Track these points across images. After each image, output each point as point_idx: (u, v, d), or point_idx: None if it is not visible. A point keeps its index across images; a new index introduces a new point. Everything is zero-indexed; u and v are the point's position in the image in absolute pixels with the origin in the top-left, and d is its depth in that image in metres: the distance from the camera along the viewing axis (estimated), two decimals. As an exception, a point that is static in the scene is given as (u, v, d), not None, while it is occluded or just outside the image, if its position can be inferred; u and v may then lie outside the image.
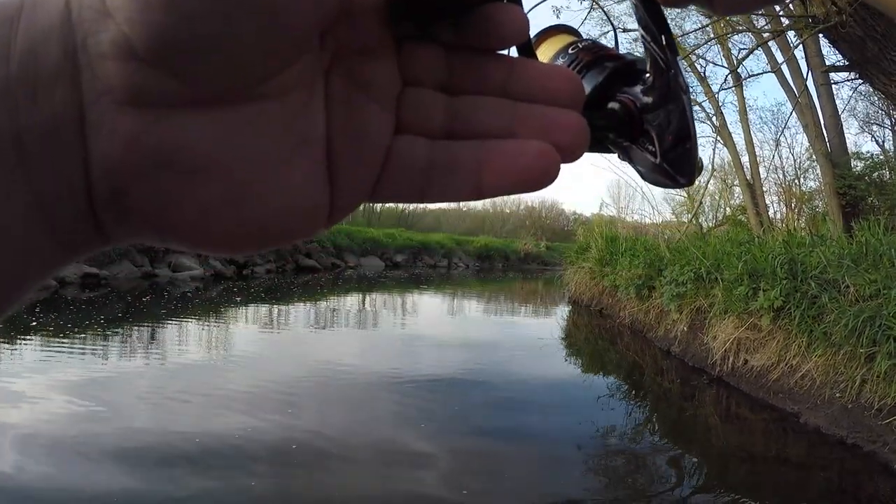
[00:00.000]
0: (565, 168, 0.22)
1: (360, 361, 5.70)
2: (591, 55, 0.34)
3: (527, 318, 10.60)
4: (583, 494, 3.11)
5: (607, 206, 28.69)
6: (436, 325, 8.73)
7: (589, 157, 0.32)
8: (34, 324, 6.22)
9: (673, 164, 0.30)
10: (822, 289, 4.65)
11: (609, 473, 3.41)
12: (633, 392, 5.42)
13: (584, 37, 0.37)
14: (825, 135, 8.06)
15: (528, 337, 8.01)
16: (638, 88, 0.31)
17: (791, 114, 9.03)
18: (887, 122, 13.77)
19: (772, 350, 5.09)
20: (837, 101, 8.48)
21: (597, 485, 3.24)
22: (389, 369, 5.39)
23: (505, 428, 4.05)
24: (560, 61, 0.35)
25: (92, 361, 5.01)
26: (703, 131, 11.09)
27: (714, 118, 9.82)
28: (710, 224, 13.34)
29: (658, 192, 32.76)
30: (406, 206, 44.99)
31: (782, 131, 11.71)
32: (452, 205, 45.40)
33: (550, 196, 62.82)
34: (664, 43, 0.29)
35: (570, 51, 0.35)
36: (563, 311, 11.49)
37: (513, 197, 52.98)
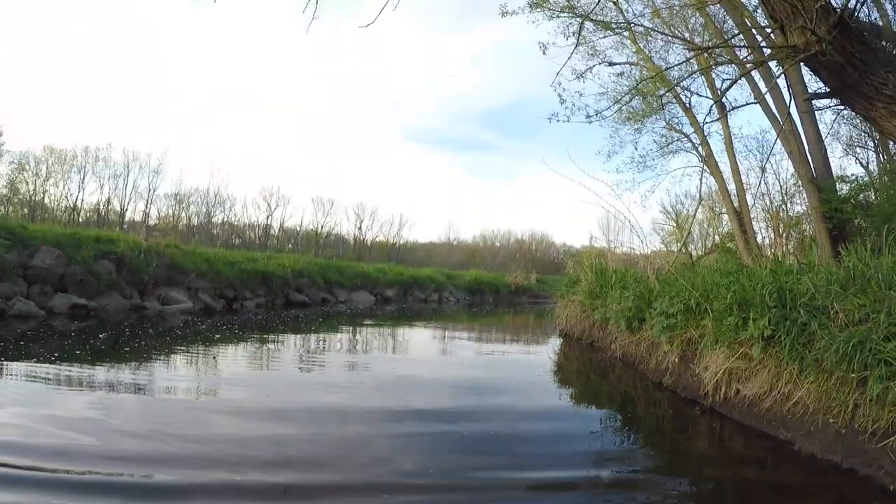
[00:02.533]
0: (554, 202, 0.20)
1: (350, 395, 5.60)
2: None
3: (518, 353, 10.51)
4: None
5: (596, 239, 28.83)
6: (426, 360, 8.64)
7: (577, 193, 0.30)
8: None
9: None
10: (812, 315, 4.66)
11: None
12: (626, 424, 5.34)
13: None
14: (810, 160, 8.18)
15: (519, 371, 7.92)
16: None
17: (776, 141, 9.21)
18: (870, 143, 14.01)
19: (763, 378, 5.05)
20: (821, 126, 8.65)
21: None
22: (380, 404, 5.31)
23: (497, 461, 3.99)
24: None
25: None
26: (690, 161, 11.25)
27: (700, 148, 9.97)
28: (700, 252, 13.42)
29: (647, 223, 32.98)
30: (397, 240, 45.35)
31: (767, 158, 11.91)
32: (443, 238, 44.92)
33: (541, 229, 63.26)
34: None
35: None
36: (554, 345, 11.42)
37: (503, 230, 53.46)
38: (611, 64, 7.34)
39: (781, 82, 6.87)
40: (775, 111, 8.17)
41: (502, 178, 66.59)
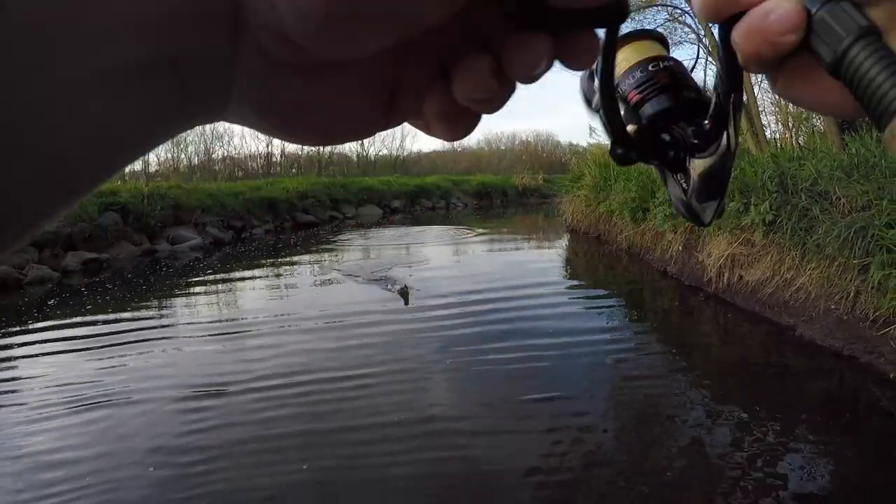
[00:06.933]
0: (558, 102, 0.17)
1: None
2: (669, 79, 0.36)
3: (529, 251, 10.57)
4: (589, 406, 3.24)
5: (595, 132, 27.97)
6: (442, 264, 8.76)
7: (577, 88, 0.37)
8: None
9: (699, 206, 0.32)
10: (814, 201, 4.57)
11: (612, 389, 3.51)
12: (634, 313, 5.50)
13: (670, 54, 0.38)
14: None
15: (530, 268, 8.02)
16: (692, 129, 0.33)
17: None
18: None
19: (766, 264, 5.06)
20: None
21: (600, 398, 3.33)
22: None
23: (514, 347, 4.29)
24: (638, 74, 0.36)
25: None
26: (695, 53, 10.66)
27: (704, 38, 9.37)
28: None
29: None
30: (400, 152, 44.41)
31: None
32: (447, 146, 43.39)
33: (546, 129, 61.76)
34: (732, 101, 0.29)
35: (650, 67, 0.36)
36: (563, 242, 11.47)
37: (508, 132, 52.23)
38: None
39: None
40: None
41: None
